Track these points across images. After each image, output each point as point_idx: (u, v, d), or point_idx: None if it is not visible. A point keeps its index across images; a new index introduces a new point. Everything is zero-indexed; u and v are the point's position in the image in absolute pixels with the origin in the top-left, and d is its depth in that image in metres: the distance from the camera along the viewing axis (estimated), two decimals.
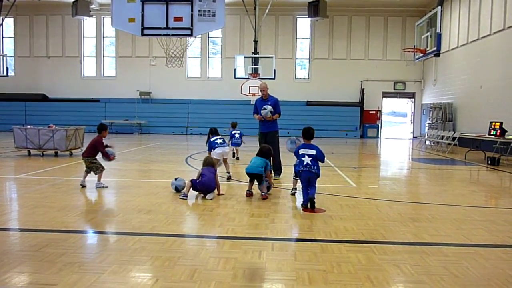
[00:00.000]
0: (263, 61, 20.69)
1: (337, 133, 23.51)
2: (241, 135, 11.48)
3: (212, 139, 8.08)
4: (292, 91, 24.53)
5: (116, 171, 8.87)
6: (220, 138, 8.07)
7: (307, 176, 5.85)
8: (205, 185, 6.39)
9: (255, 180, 6.64)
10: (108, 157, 7.20)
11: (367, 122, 24.31)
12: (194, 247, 4.01)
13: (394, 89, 24.51)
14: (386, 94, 24.76)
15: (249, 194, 6.58)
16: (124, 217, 5.16)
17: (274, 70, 20.33)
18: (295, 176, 6.34)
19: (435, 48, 11.08)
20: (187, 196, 6.33)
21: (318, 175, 5.95)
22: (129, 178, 8.22)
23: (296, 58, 24.96)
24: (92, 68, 25.81)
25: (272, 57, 20.61)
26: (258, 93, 20.06)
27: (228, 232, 4.55)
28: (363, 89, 24.34)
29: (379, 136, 24.29)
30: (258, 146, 7.52)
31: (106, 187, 7.13)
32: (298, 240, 4.37)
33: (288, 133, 20.09)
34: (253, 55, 20.67)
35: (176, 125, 24.16)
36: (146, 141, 18.26)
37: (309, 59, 24.89)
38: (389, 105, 26.30)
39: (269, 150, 6.84)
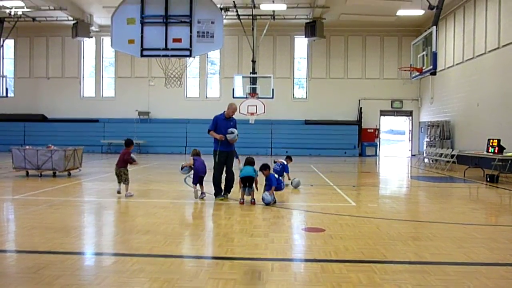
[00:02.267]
0: (261, 81, 20.91)
1: (335, 151, 23.53)
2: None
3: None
4: (290, 110, 24.65)
5: (115, 191, 8.75)
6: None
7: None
8: (200, 167, 7.94)
9: (247, 185, 7.45)
10: (132, 162, 8.47)
11: (365, 140, 24.36)
12: (193, 268, 3.97)
13: (392, 107, 24.60)
14: (383, 112, 24.83)
15: (242, 202, 7.41)
16: (123, 237, 5.12)
17: (272, 90, 20.59)
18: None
19: (431, 67, 11.15)
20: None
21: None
22: (128, 199, 8.17)
23: (294, 78, 25.13)
24: (91, 88, 25.79)
25: (270, 77, 20.89)
26: (256, 113, 20.29)
27: (227, 253, 4.50)
28: (361, 108, 24.43)
29: (377, 154, 24.30)
30: (214, 164, 7.79)
31: (133, 195, 8.30)
32: (298, 260, 4.33)
33: (286, 151, 20.39)
34: (251, 75, 20.92)
35: (175, 144, 24.13)
36: (145, 160, 18.18)
37: (306, 78, 25.04)
38: (387, 123, 26.26)
39: (253, 159, 7.73)
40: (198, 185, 8.09)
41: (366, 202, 7.97)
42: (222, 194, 7.85)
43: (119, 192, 8.45)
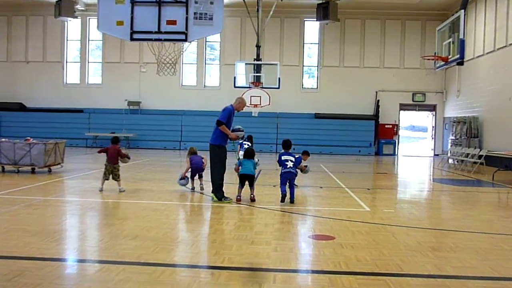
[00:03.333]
0: (267, 69, 20.87)
1: (349, 149, 23.53)
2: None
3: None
4: (298, 102, 24.65)
5: (99, 191, 8.89)
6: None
7: (289, 177, 8.07)
8: (197, 166, 8.90)
9: (246, 183, 8.03)
10: (126, 157, 9.10)
11: (382, 137, 24.35)
12: (186, 279, 3.98)
13: (413, 100, 24.54)
14: (404, 106, 24.78)
15: (240, 199, 7.95)
16: (108, 243, 5.15)
17: (279, 79, 20.48)
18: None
19: (458, 56, 11.11)
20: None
21: (296, 175, 8.25)
22: (114, 199, 8.18)
23: (303, 66, 25.13)
24: (75, 75, 25.76)
25: (276, 64, 20.80)
26: (260, 104, 20.29)
27: (224, 262, 4.51)
28: (378, 101, 24.42)
29: (396, 153, 24.29)
30: (213, 163, 7.90)
31: (125, 190, 8.78)
32: (303, 271, 4.35)
33: (293, 148, 20.19)
34: (256, 62, 20.81)
35: (168, 139, 24.17)
36: (135, 156, 18.09)
37: (317, 66, 25.04)
38: (407, 118, 26.41)
39: (253, 151, 8.43)
40: (195, 180, 9.03)
41: (382, 207, 7.99)
42: (226, 197, 7.96)
43: (101, 190, 8.70)
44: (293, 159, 8.19)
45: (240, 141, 12.55)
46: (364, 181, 12.21)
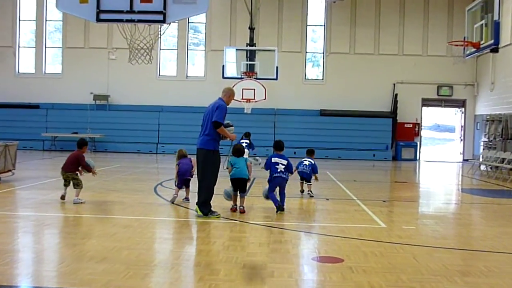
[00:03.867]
0: (262, 56, 20.89)
1: (361, 153, 23.57)
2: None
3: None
4: (300, 96, 24.58)
5: (60, 203, 8.84)
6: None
7: (280, 182, 8.56)
8: (186, 169, 9.17)
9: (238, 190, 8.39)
10: (90, 170, 9.08)
11: (401, 139, 24.39)
12: None
13: (438, 95, 24.64)
14: (427, 102, 24.86)
15: (235, 209, 8.39)
16: (70, 267, 5.11)
17: (277, 68, 20.50)
18: (300, 180, 10.67)
19: (492, 41, 11.19)
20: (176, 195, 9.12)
21: (287, 180, 8.74)
22: (77, 213, 8.16)
23: (306, 52, 25.11)
24: (30, 62, 25.72)
25: (273, 51, 20.80)
26: (254, 99, 20.30)
27: None
28: (396, 95, 24.44)
29: (417, 158, 24.30)
30: (205, 171, 7.99)
31: (83, 202, 8.80)
32: None
33: (294, 152, 20.50)
34: (249, 48, 20.85)
35: (143, 140, 24.13)
36: (102, 162, 18.13)
37: (323, 53, 25.02)
38: (431, 116, 26.47)
39: (243, 147, 8.89)
40: (181, 189, 9.32)
41: (400, 223, 8.02)
42: (214, 211, 8.01)
43: (63, 198, 8.86)
44: (284, 162, 8.61)
45: (239, 141, 12.88)
46: (379, 192, 12.22)
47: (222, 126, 7.82)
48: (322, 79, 25.19)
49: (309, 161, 10.63)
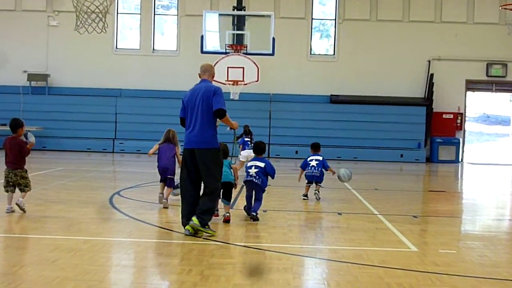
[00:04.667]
0: (253, 24, 20.96)
1: (384, 153, 23.69)
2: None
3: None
4: (305, 78, 24.63)
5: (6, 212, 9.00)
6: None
7: (252, 187, 9.49)
8: (164, 166, 10.28)
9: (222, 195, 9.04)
10: (28, 148, 9.46)
11: (438, 134, 24.45)
12: None
13: (488, 75, 24.63)
14: (473, 85, 24.97)
15: (228, 218, 9.03)
16: None
17: (273, 40, 20.44)
18: (307, 183, 11.72)
19: None
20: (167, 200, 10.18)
21: (262, 188, 9.63)
22: (6, 232, 8.11)
23: (312, 19, 25.12)
24: None
25: (269, 17, 20.72)
26: (243, 81, 20.34)
27: None
28: (432, 75, 24.43)
29: (459, 159, 24.23)
30: (213, 172, 8.39)
31: (25, 212, 9.16)
32: None
33: (296, 152, 21.41)
34: (236, 12, 20.82)
35: (94, 135, 24.14)
36: (40, 164, 17.90)
37: (335, 20, 25.00)
38: (479, 104, 26.65)
39: (226, 145, 9.32)
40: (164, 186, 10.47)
41: (437, 246, 8.03)
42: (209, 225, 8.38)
43: (10, 212, 9.18)
44: (261, 165, 9.61)
45: (243, 138, 14.14)
46: (408, 204, 12.22)
47: (226, 116, 8.32)
48: (333, 54, 25.23)
49: (316, 159, 11.01)
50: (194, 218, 8.03)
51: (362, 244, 7.95)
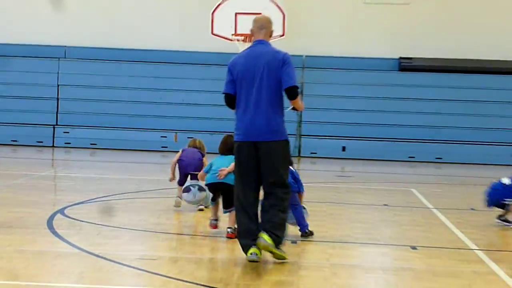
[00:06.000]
0: None
1: (487, 151, 22.61)
2: None
3: None
4: (360, 31, 23.66)
5: None
6: None
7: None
8: (186, 166, 11.07)
9: (219, 199, 9.50)
10: None
11: None
12: None
13: None
14: None
15: (215, 226, 9.32)
16: None
17: None
18: None
19: None
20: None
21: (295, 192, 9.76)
22: None
23: None
24: None
25: None
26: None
27: None
28: None
29: None
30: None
31: None
32: None
33: (343, 149, 22.10)
34: None
35: (23, 119, 23.13)
36: None
37: None
38: None
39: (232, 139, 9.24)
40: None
41: None
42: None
43: None
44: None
45: None
46: None
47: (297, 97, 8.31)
48: None
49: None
50: (264, 235, 7.83)
51: None
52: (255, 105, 7.90)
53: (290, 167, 8.87)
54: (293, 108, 8.37)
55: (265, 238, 7.71)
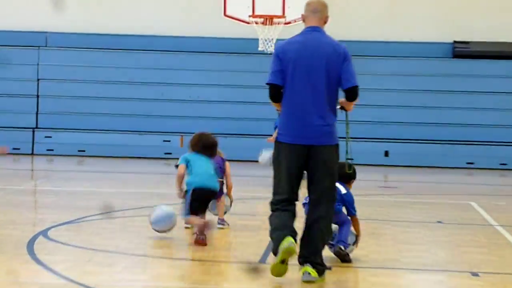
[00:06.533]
0: None
1: None
2: None
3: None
4: (406, 11, 23.44)
5: None
6: None
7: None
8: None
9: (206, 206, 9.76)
10: None
11: None
12: None
13: None
14: None
15: (203, 241, 9.20)
16: None
17: None
18: None
19: None
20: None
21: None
22: None
23: None
24: None
25: None
26: (283, 16, 19.50)
27: None
28: None
29: None
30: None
31: None
32: None
33: (386, 153, 22.23)
34: None
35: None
36: None
37: None
38: None
39: (213, 137, 10.10)
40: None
41: None
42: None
43: None
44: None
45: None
46: None
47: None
48: None
49: None
50: (310, 269, 7.60)
51: None
52: (311, 103, 7.68)
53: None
54: (342, 108, 8.11)
55: (309, 271, 7.56)
